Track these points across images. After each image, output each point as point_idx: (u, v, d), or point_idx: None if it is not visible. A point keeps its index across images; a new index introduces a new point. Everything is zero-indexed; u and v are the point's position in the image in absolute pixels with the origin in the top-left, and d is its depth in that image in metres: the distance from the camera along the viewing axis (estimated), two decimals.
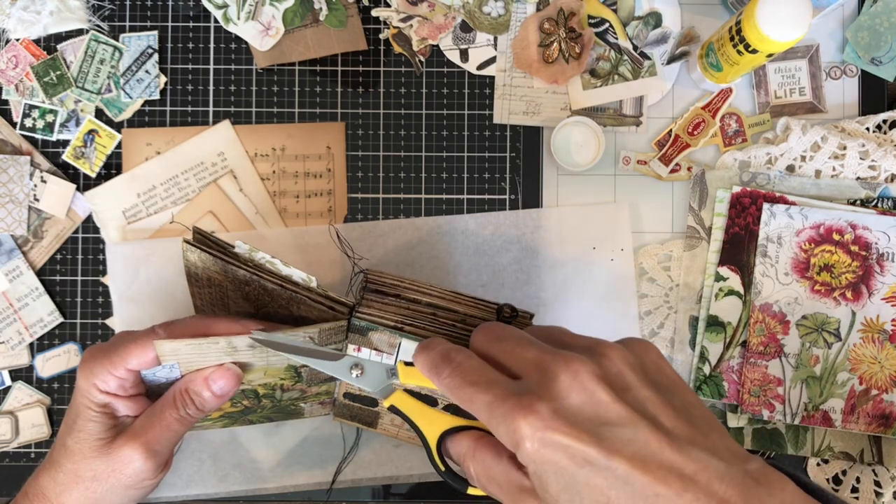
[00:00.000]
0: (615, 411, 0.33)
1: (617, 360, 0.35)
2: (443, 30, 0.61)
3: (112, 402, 0.47)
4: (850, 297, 0.59)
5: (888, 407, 0.58)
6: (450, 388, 0.37)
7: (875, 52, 0.61)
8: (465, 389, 0.36)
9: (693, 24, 0.61)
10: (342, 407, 0.54)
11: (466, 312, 0.48)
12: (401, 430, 0.55)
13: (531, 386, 0.34)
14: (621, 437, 0.32)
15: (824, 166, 0.60)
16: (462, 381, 0.37)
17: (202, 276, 0.49)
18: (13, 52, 0.60)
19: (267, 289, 0.47)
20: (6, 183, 0.59)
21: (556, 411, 0.32)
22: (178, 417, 0.46)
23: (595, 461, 0.31)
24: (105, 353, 0.46)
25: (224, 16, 0.61)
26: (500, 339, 0.38)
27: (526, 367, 0.36)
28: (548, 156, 0.61)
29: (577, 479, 0.32)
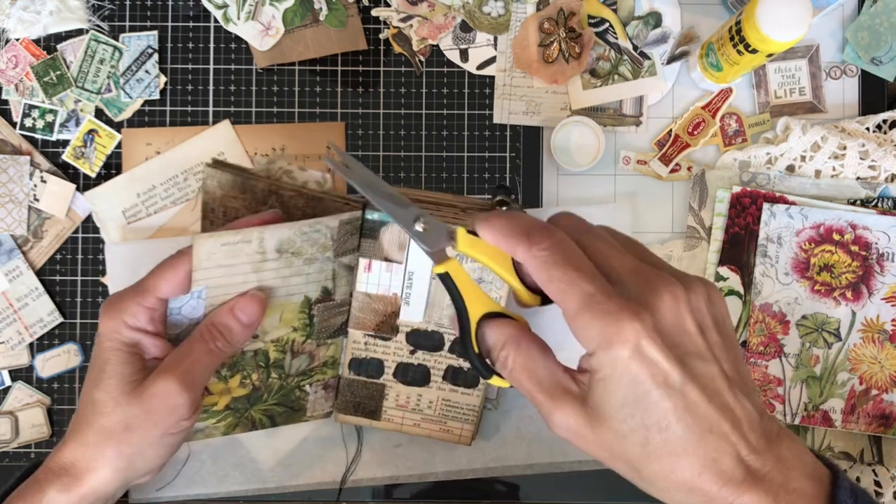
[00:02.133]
0: (696, 344, 0.33)
1: (702, 297, 0.35)
2: (443, 30, 0.61)
3: (141, 341, 0.45)
4: (850, 297, 0.59)
5: (888, 407, 0.58)
6: (545, 262, 0.35)
7: (875, 52, 0.61)
8: (562, 269, 0.35)
9: (693, 24, 0.61)
10: (346, 389, 0.54)
11: (465, 207, 0.48)
12: (405, 420, 0.55)
13: (632, 294, 0.34)
14: (698, 368, 0.33)
15: (824, 166, 0.60)
16: (561, 259, 0.35)
17: (219, 208, 0.49)
18: (13, 52, 0.60)
19: (284, 203, 0.48)
20: (6, 183, 0.59)
21: (656, 326, 0.33)
22: (208, 350, 0.45)
23: (673, 383, 0.32)
24: (132, 289, 0.44)
25: (224, 16, 0.61)
26: (593, 234, 0.37)
27: (626, 274, 0.35)
28: (548, 156, 0.61)
29: (649, 396, 0.33)
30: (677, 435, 0.33)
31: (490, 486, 0.60)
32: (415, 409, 0.55)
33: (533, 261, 0.36)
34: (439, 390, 0.54)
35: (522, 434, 0.59)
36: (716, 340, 0.34)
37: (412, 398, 0.54)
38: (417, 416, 0.55)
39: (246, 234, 0.45)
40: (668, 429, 0.33)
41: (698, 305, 0.35)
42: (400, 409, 0.55)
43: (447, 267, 0.39)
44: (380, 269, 0.50)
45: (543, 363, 0.36)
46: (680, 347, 0.33)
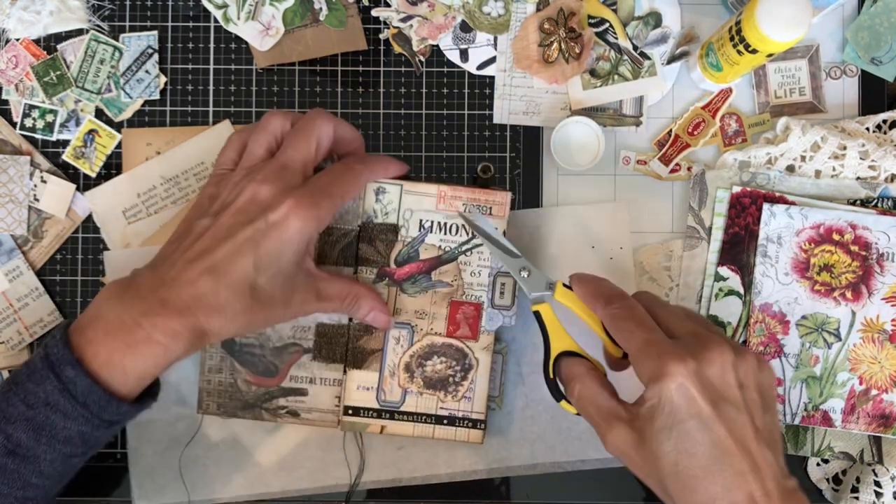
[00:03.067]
0: (733, 394, 0.42)
1: (750, 363, 0.43)
2: (443, 30, 0.61)
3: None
4: (850, 297, 0.59)
5: (888, 407, 0.58)
6: (614, 317, 0.46)
7: (875, 52, 0.61)
8: (628, 322, 0.45)
9: (693, 24, 0.61)
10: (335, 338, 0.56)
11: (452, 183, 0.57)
12: (416, 427, 0.56)
13: (684, 345, 0.43)
14: (729, 413, 0.41)
15: (824, 166, 0.60)
16: (629, 315, 0.45)
17: None
18: (13, 52, 0.60)
19: None
20: (6, 183, 0.59)
21: (697, 370, 0.41)
22: (340, 299, 0.51)
23: (705, 419, 0.40)
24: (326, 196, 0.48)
25: (224, 16, 0.61)
26: (662, 305, 0.47)
27: (683, 332, 0.44)
28: (548, 156, 0.61)
29: (683, 425, 0.40)
30: (701, 463, 0.40)
31: (491, 487, 0.60)
32: (425, 420, 0.56)
33: (608, 317, 0.46)
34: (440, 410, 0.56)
35: (525, 435, 0.59)
36: (753, 398, 0.42)
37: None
38: (430, 427, 0.56)
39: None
40: (694, 455, 0.40)
41: (743, 368, 0.43)
42: (410, 421, 0.56)
43: (540, 308, 0.50)
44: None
45: (603, 394, 0.45)
46: (717, 393, 0.41)
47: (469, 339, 0.55)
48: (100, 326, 0.44)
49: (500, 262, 0.53)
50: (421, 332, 0.55)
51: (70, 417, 0.43)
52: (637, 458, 0.43)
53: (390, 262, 0.55)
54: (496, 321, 0.55)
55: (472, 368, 0.55)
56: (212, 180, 0.51)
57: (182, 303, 0.44)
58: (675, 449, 0.41)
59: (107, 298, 0.45)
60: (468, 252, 0.55)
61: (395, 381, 0.55)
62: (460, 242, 0.55)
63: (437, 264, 0.55)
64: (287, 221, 0.46)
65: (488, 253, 0.54)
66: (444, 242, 0.55)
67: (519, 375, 0.59)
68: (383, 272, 0.55)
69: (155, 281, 0.45)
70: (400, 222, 0.55)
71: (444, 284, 0.55)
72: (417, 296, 0.55)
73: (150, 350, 0.44)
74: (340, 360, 0.55)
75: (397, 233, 0.55)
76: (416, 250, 0.55)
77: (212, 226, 0.46)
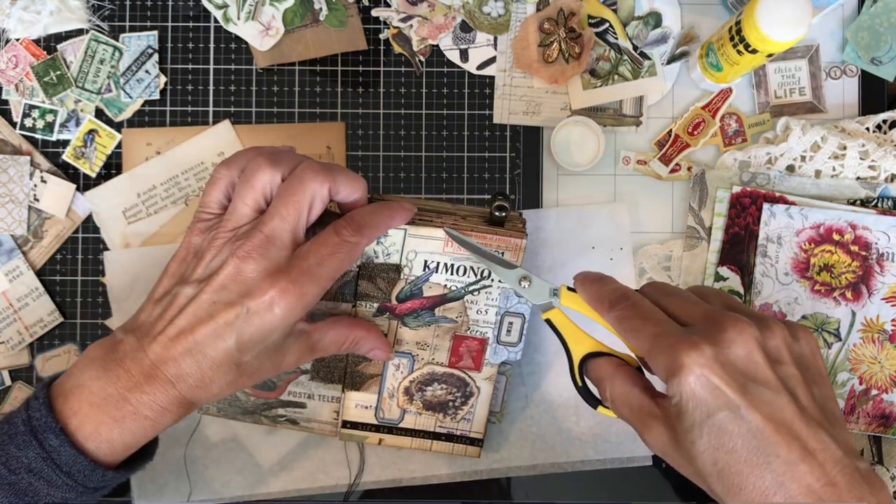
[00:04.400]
0: (764, 374, 0.37)
1: (778, 335, 0.38)
2: (443, 30, 0.61)
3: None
4: (850, 297, 0.59)
5: (888, 407, 0.58)
6: (619, 319, 0.42)
7: (875, 52, 0.61)
8: (633, 321, 0.41)
9: (693, 24, 0.61)
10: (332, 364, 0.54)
11: (464, 215, 0.52)
12: (414, 441, 0.55)
13: (698, 331, 0.38)
14: (763, 396, 0.36)
15: (824, 166, 0.60)
16: (633, 314, 0.41)
17: None
18: (13, 52, 0.60)
19: None
20: (6, 183, 0.59)
21: (716, 355, 0.36)
22: (337, 347, 0.49)
23: (736, 409, 0.36)
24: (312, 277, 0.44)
25: (224, 16, 0.61)
26: (670, 294, 0.43)
27: (695, 317, 0.40)
28: (548, 156, 0.61)
29: (714, 418, 0.36)
30: (743, 456, 0.36)
31: (491, 487, 0.60)
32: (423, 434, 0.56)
33: (614, 321, 0.42)
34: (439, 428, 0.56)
35: (525, 435, 0.59)
36: (791, 374, 0.38)
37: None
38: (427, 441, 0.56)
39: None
40: (734, 450, 0.36)
41: (773, 342, 0.38)
42: (408, 436, 0.55)
43: (550, 315, 0.46)
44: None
45: (634, 392, 0.42)
46: (745, 377, 0.36)
47: (472, 370, 0.54)
48: (84, 397, 0.42)
49: (497, 275, 0.49)
50: (422, 360, 0.53)
51: (54, 486, 0.42)
52: (677, 456, 0.39)
53: (391, 299, 0.52)
54: (501, 355, 0.53)
55: (472, 395, 0.54)
56: (196, 226, 0.47)
57: (167, 379, 0.43)
58: (710, 446, 0.36)
59: (89, 365, 0.43)
60: (475, 292, 0.52)
61: (393, 402, 0.54)
62: (467, 283, 0.51)
63: (442, 302, 0.52)
64: (270, 311, 0.43)
65: (497, 293, 0.52)
66: (450, 282, 0.51)
67: (519, 376, 0.59)
68: (384, 307, 0.52)
69: (139, 353, 0.43)
70: (403, 262, 0.51)
71: (449, 320, 0.52)
72: (419, 329, 0.53)
73: (137, 424, 0.43)
74: (338, 381, 0.54)
75: (400, 272, 0.51)
76: (419, 288, 0.52)
77: (194, 299, 0.44)
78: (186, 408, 0.44)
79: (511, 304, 0.52)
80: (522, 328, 0.53)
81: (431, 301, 0.52)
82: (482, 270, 0.51)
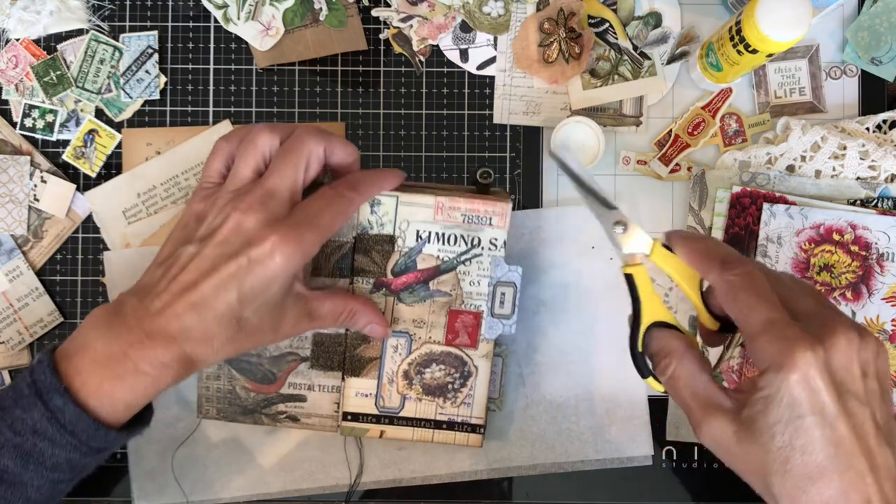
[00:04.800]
0: (857, 387, 0.37)
1: (871, 349, 0.39)
2: (443, 30, 0.61)
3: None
4: (850, 297, 0.59)
5: None
6: (734, 286, 0.40)
7: (875, 52, 0.61)
8: (748, 294, 0.39)
9: (693, 24, 0.61)
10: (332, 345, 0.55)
11: (450, 187, 0.55)
12: (415, 431, 0.55)
13: (813, 331, 0.37)
14: (853, 408, 0.37)
15: (824, 166, 0.60)
16: (751, 286, 0.39)
17: None
18: (13, 52, 0.60)
19: None
20: (6, 183, 0.59)
21: (826, 360, 0.37)
22: (334, 318, 0.50)
23: (828, 415, 0.36)
24: (312, 227, 0.46)
25: (224, 16, 0.61)
26: (779, 279, 0.41)
27: (808, 313, 0.39)
28: (548, 156, 0.61)
29: (803, 420, 0.36)
30: (817, 461, 0.36)
31: (491, 487, 0.60)
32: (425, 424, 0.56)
33: (724, 284, 0.40)
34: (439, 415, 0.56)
35: (526, 435, 0.59)
36: (874, 388, 0.38)
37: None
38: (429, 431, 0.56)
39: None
40: (811, 454, 0.36)
41: (867, 355, 0.38)
42: (409, 426, 0.55)
43: (634, 270, 0.44)
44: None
45: (701, 378, 0.40)
46: (843, 386, 0.37)
47: (468, 348, 0.54)
48: (87, 356, 0.43)
49: (592, 213, 0.47)
50: (419, 340, 0.54)
51: (58, 445, 0.42)
52: (738, 451, 0.38)
53: (387, 273, 0.53)
54: (496, 330, 0.54)
55: (471, 376, 0.55)
56: (197, 194, 0.49)
57: (168, 335, 0.44)
58: (788, 445, 0.37)
59: (93, 326, 0.44)
60: (467, 262, 0.53)
61: (393, 388, 0.55)
62: (459, 252, 0.53)
63: (435, 274, 0.54)
64: (271, 258, 0.44)
65: (488, 262, 0.53)
66: (442, 253, 0.53)
67: (520, 377, 0.59)
68: (380, 282, 0.54)
69: (141, 310, 0.44)
70: (396, 233, 0.53)
71: (443, 294, 0.54)
72: (415, 305, 0.54)
73: (138, 381, 0.43)
74: (338, 367, 0.55)
75: (394, 244, 0.53)
76: (413, 260, 0.53)
77: (196, 255, 0.45)
78: (186, 366, 0.45)
79: (502, 274, 0.53)
80: (514, 298, 0.54)
81: (425, 274, 0.54)
82: (472, 239, 0.53)
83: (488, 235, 0.53)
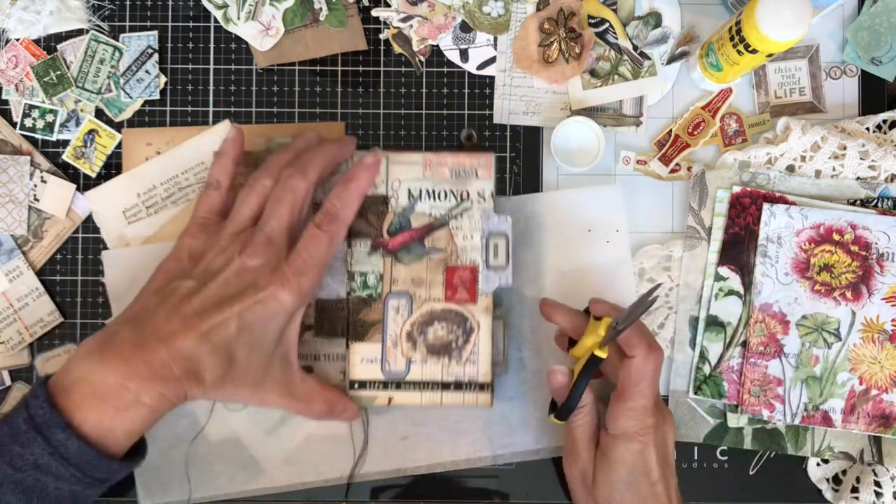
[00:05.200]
0: (671, 461, 0.52)
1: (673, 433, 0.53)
2: (443, 30, 0.61)
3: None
4: (850, 297, 0.59)
5: (888, 407, 0.58)
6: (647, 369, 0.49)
7: (875, 52, 0.61)
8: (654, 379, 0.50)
9: (693, 24, 0.61)
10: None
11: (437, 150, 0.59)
12: (423, 395, 0.56)
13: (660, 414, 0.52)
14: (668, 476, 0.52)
15: (824, 166, 0.60)
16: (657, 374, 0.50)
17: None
18: (13, 52, 0.60)
19: None
20: (6, 183, 0.59)
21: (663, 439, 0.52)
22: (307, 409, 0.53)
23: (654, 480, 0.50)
24: (305, 275, 0.49)
25: (224, 16, 0.61)
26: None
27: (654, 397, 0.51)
28: (548, 156, 0.61)
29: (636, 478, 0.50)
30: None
31: (491, 487, 0.60)
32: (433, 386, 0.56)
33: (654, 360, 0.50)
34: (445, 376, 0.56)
35: (528, 420, 0.59)
36: (673, 462, 0.52)
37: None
38: (437, 394, 0.56)
39: None
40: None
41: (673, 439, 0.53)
42: (417, 390, 0.56)
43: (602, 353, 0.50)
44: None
45: (595, 427, 0.52)
46: (665, 460, 0.51)
47: (468, 303, 0.56)
48: (86, 390, 0.44)
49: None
50: (419, 299, 0.55)
51: (62, 479, 0.43)
52: (591, 491, 0.51)
53: (383, 233, 0.55)
54: (493, 282, 0.55)
55: (473, 331, 0.55)
56: (192, 229, 0.52)
57: (165, 364, 0.44)
58: (621, 500, 0.49)
59: (86, 356, 0.45)
60: (458, 216, 0.55)
61: (398, 352, 0.55)
62: (449, 207, 0.55)
63: (429, 231, 0.56)
64: (273, 300, 0.48)
65: (478, 215, 0.55)
66: (434, 209, 0.55)
67: (520, 361, 0.59)
68: (377, 243, 0.55)
69: (138, 339, 0.45)
70: (389, 193, 0.55)
71: (438, 251, 0.55)
72: (412, 264, 0.55)
73: (138, 412, 0.44)
74: (342, 334, 0.56)
75: (387, 203, 0.55)
76: (407, 219, 0.56)
77: (197, 292, 0.47)
78: (180, 398, 0.45)
79: (493, 225, 0.55)
80: (508, 249, 0.55)
81: (420, 232, 0.56)
82: (461, 193, 0.55)
83: (476, 187, 0.55)
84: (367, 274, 0.56)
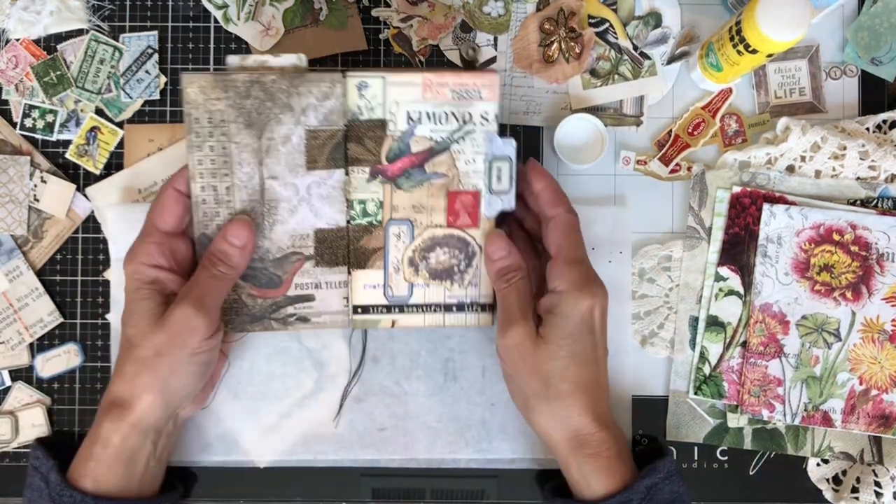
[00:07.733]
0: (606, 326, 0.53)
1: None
2: (443, 30, 0.61)
3: (159, 276, 0.50)
4: (850, 297, 0.59)
5: (888, 407, 0.58)
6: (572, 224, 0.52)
7: (875, 52, 0.61)
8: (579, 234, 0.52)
9: (693, 24, 0.61)
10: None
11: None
12: (426, 317, 0.55)
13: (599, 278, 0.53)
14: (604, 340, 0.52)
15: (824, 166, 0.60)
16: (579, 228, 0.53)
17: (203, 115, 0.51)
18: (13, 52, 0.60)
19: (267, 89, 0.50)
20: (6, 183, 0.59)
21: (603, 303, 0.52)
22: (213, 276, 0.50)
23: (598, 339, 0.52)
24: (141, 233, 0.51)
25: (224, 16, 0.61)
26: None
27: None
28: (548, 156, 0.61)
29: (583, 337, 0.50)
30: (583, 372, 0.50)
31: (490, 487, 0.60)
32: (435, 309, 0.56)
33: (565, 220, 0.51)
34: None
35: (507, 430, 0.59)
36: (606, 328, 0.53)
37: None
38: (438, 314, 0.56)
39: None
40: (582, 365, 0.50)
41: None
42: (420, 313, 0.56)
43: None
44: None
45: (530, 295, 0.52)
46: (603, 324, 0.51)
47: (470, 228, 0.54)
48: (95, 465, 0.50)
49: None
50: (421, 225, 0.54)
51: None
52: (534, 353, 0.49)
53: (381, 159, 0.53)
54: (495, 206, 0.54)
55: (475, 255, 0.54)
56: None
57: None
58: (570, 355, 0.49)
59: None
60: (460, 140, 0.53)
61: (400, 277, 0.55)
62: (451, 131, 0.53)
63: (430, 156, 0.53)
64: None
65: (481, 138, 0.53)
66: (434, 133, 0.53)
67: None
68: (375, 170, 0.53)
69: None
70: (387, 117, 0.52)
71: (440, 176, 0.53)
72: (413, 190, 0.53)
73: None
74: (343, 262, 0.54)
75: (385, 128, 0.52)
76: (406, 144, 0.53)
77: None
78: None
79: (497, 148, 0.53)
80: (511, 172, 0.53)
81: (420, 157, 0.53)
82: (463, 115, 0.52)
83: (479, 109, 0.52)
84: (367, 201, 0.53)
